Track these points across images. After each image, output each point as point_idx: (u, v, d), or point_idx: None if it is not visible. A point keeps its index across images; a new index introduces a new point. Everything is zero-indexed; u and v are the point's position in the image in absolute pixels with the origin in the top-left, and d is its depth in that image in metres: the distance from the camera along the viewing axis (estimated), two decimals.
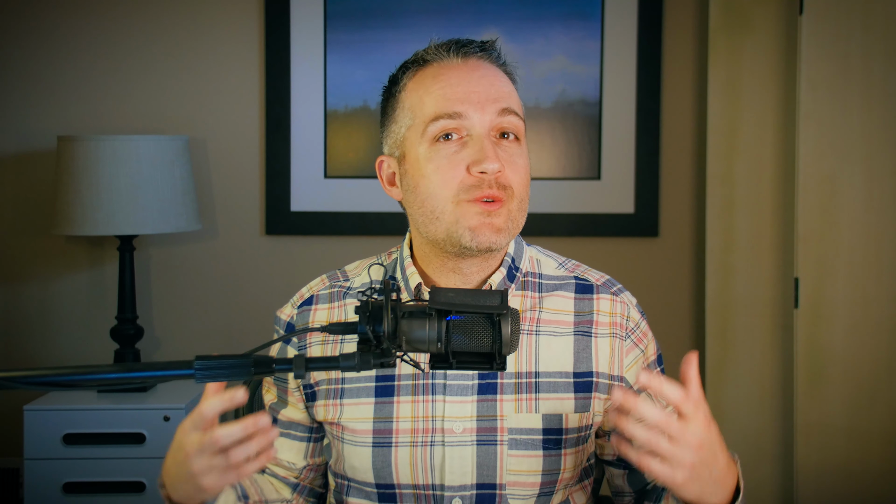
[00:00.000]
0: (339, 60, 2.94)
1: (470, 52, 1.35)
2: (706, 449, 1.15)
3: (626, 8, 2.91)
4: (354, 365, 1.07)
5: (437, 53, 1.35)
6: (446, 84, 1.33)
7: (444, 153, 1.31)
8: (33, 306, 2.98)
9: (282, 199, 2.97)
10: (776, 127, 2.74)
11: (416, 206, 1.35)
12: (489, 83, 1.34)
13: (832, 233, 2.62)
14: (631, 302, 1.44)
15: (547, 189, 2.94)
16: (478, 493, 1.35)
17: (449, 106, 1.31)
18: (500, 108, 1.33)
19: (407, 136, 1.35)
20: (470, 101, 1.31)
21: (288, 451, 1.45)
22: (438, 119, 1.31)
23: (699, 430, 1.14)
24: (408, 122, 1.35)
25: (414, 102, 1.34)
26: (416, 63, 1.37)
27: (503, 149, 1.33)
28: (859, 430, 2.63)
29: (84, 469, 2.59)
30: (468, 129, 1.31)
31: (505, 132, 1.34)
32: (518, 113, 1.35)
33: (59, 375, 1.03)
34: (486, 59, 1.36)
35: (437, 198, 1.31)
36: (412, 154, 1.34)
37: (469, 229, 1.30)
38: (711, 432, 1.16)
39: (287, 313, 1.46)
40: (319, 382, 1.41)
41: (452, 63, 1.35)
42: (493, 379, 1.36)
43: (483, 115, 1.32)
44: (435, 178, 1.31)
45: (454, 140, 1.31)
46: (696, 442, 1.14)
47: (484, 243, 1.31)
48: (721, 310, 2.78)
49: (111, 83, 2.95)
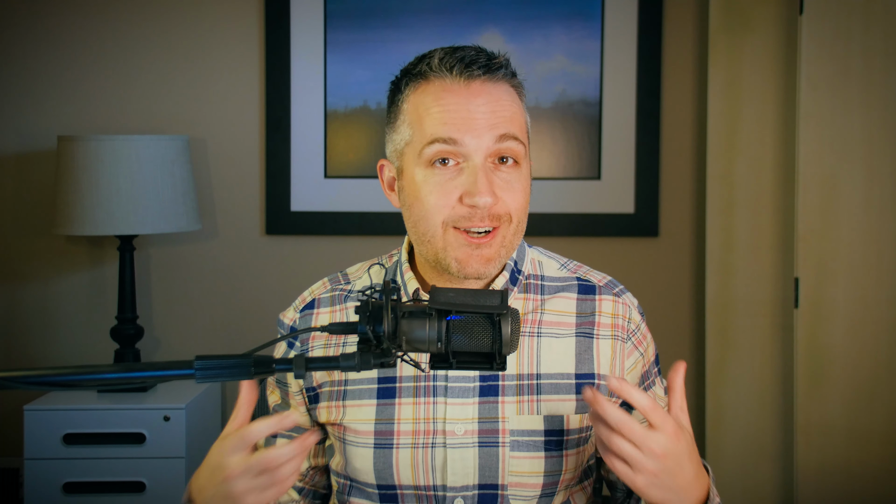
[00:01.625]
0: (339, 60, 2.94)
1: (474, 75, 1.31)
2: (671, 458, 1.16)
3: (626, 8, 2.91)
4: (354, 365, 1.07)
5: (439, 70, 1.31)
6: (445, 108, 1.30)
7: (438, 179, 1.30)
8: (33, 306, 2.98)
9: (282, 199, 2.97)
10: (776, 127, 2.74)
11: (409, 224, 1.36)
12: (490, 109, 1.30)
13: (832, 233, 2.62)
14: (633, 303, 1.44)
15: (547, 189, 2.94)
16: (479, 493, 1.36)
17: (446, 131, 1.29)
18: (498, 135, 1.30)
19: (405, 152, 1.34)
20: (468, 129, 1.29)
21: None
22: (434, 143, 1.30)
23: (664, 440, 1.15)
24: (407, 137, 1.34)
25: (413, 119, 1.33)
26: (419, 75, 1.33)
27: (500, 175, 1.31)
28: (859, 430, 2.63)
29: (84, 469, 2.59)
30: (465, 156, 1.30)
31: (503, 157, 1.32)
32: (518, 137, 1.32)
33: (59, 375, 1.03)
34: (492, 79, 1.32)
35: (429, 222, 1.31)
36: (409, 173, 1.34)
37: (456, 259, 1.31)
38: (680, 442, 1.17)
39: (290, 317, 1.47)
40: (322, 385, 1.42)
41: (454, 85, 1.31)
42: (494, 381, 1.37)
43: (480, 142, 1.29)
44: (427, 203, 1.31)
45: (450, 166, 1.30)
46: (660, 451, 1.15)
47: (472, 274, 1.31)
48: (721, 310, 2.78)
49: (111, 83, 2.96)
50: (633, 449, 1.14)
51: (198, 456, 2.71)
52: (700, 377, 2.95)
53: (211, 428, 2.84)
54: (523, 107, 1.37)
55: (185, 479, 2.60)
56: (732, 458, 2.78)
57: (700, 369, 2.95)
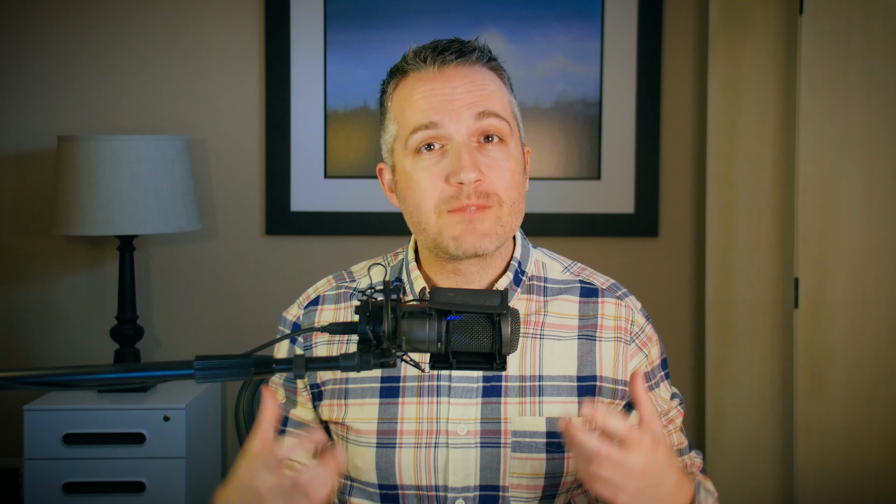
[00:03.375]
0: (339, 60, 2.94)
1: (447, 61, 1.33)
2: (651, 473, 1.16)
3: (626, 8, 2.91)
4: (354, 365, 1.07)
5: (414, 63, 1.35)
6: (422, 95, 1.33)
7: (425, 164, 1.32)
8: (33, 306, 2.98)
9: (282, 199, 2.97)
10: (776, 127, 2.74)
11: (407, 216, 1.37)
12: (466, 90, 1.32)
13: (832, 233, 2.62)
14: (636, 306, 1.45)
15: (547, 189, 2.94)
16: (481, 494, 1.36)
17: (425, 117, 1.31)
18: (477, 112, 1.31)
19: (395, 148, 1.37)
20: (445, 110, 1.31)
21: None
22: (417, 131, 1.32)
23: (642, 458, 1.15)
24: (394, 132, 1.37)
25: (397, 114, 1.36)
26: (398, 72, 1.37)
27: (485, 154, 1.32)
28: (859, 430, 2.63)
29: (84, 469, 2.59)
30: (447, 137, 1.31)
31: (488, 135, 1.33)
32: (499, 114, 1.34)
33: (59, 375, 1.03)
34: (465, 63, 1.34)
35: (422, 210, 1.33)
36: (400, 166, 1.36)
37: (452, 238, 1.32)
38: (658, 456, 1.17)
39: (293, 314, 1.47)
40: (326, 382, 1.42)
41: (429, 73, 1.34)
42: (497, 381, 1.37)
43: (459, 123, 1.31)
44: (418, 190, 1.32)
45: (435, 150, 1.32)
46: (638, 469, 1.15)
47: (469, 250, 1.32)
48: (721, 310, 2.78)
49: (111, 83, 2.95)
50: (612, 472, 1.15)
51: (198, 456, 2.71)
52: (700, 377, 2.95)
53: (211, 428, 2.84)
54: (505, 87, 1.38)
55: (185, 479, 2.60)
56: (732, 458, 2.78)
57: (700, 369, 2.95)
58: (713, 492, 1.40)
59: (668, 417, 1.45)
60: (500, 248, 1.36)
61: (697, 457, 1.48)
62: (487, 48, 1.38)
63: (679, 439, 1.46)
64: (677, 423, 1.46)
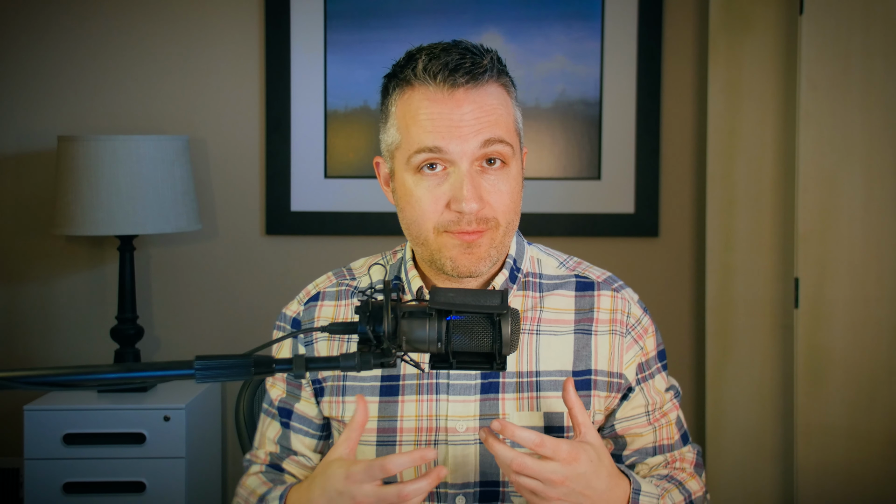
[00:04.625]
0: (339, 60, 2.94)
1: (458, 83, 1.30)
2: (572, 480, 1.20)
3: (626, 8, 2.91)
4: (354, 365, 1.07)
5: (423, 78, 1.31)
6: (429, 117, 1.31)
7: (427, 184, 1.32)
8: (33, 306, 2.98)
9: (282, 199, 2.97)
10: (776, 127, 2.74)
11: (404, 226, 1.38)
12: (475, 116, 1.30)
13: (832, 233, 2.62)
14: (632, 298, 1.45)
15: (547, 189, 2.93)
16: (481, 490, 1.37)
17: (431, 140, 1.30)
18: (483, 140, 1.30)
19: (396, 155, 1.36)
20: (452, 137, 1.30)
21: (301, 446, 1.47)
22: (421, 152, 1.31)
23: (559, 468, 1.20)
24: (396, 140, 1.35)
25: (401, 125, 1.34)
26: (405, 81, 1.34)
27: (487, 178, 1.32)
28: (859, 430, 2.63)
29: (84, 469, 2.59)
30: (451, 161, 1.31)
31: (491, 159, 1.33)
32: (504, 139, 1.32)
33: (59, 375, 1.03)
34: (476, 85, 1.31)
35: (420, 227, 1.33)
36: (400, 176, 1.35)
37: (450, 259, 1.33)
38: (579, 463, 1.21)
39: (293, 309, 1.48)
40: (326, 378, 1.43)
41: (438, 94, 1.31)
42: (495, 378, 1.38)
43: (465, 148, 1.30)
44: (418, 209, 1.33)
45: (438, 171, 1.32)
46: (558, 478, 1.20)
47: (464, 272, 1.33)
48: (721, 310, 2.78)
49: (112, 83, 2.96)
50: (531, 481, 1.20)
51: (198, 456, 2.71)
52: (700, 377, 2.95)
53: (211, 428, 2.84)
54: (512, 103, 1.37)
55: (186, 479, 2.60)
56: (732, 458, 2.78)
57: (700, 369, 2.95)
58: (697, 490, 1.40)
59: (662, 410, 1.45)
60: None
61: (690, 452, 1.48)
62: (497, 59, 1.35)
63: (669, 434, 1.46)
64: (671, 416, 1.46)
